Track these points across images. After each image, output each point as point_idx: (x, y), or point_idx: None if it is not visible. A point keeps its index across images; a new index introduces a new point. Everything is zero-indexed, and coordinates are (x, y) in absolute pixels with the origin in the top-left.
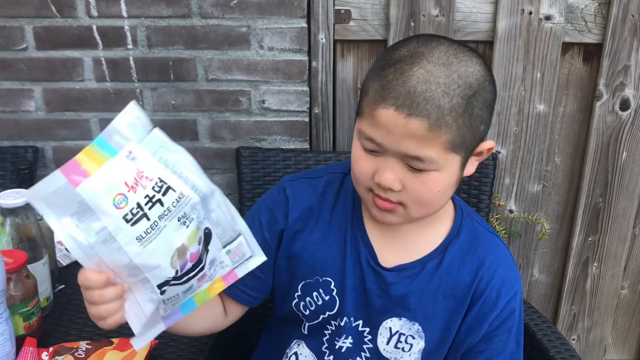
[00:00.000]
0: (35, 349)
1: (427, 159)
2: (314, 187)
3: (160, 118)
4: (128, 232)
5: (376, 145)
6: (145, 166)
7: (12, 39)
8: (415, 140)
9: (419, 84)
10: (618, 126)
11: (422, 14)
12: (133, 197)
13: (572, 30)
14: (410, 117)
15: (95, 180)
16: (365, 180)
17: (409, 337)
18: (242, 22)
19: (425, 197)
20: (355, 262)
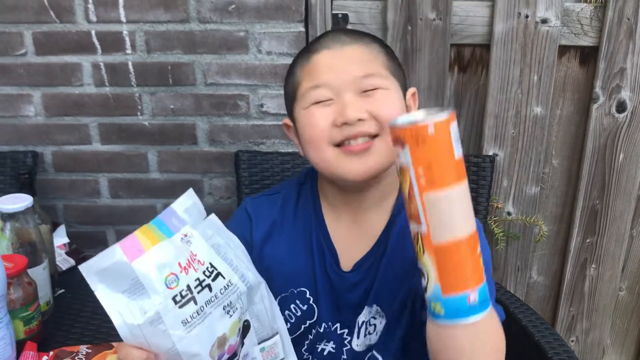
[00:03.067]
0: (35, 353)
1: (375, 72)
2: (273, 202)
3: (159, 122)
4: (175, 314)
5: (326, 90)
6: (199, 250)
7: (12, 44)
8: (358, 62)
9: (336, 33)
10: (615, 128)
11: (419, 18)
12: (184, 278)
13: (569, 34)
14: (344, 46)
15: (150, 257)
16: (328, 134)
17: (371, 319)
18: (240, 27)
19: (390, 113)
20: (322, 268)
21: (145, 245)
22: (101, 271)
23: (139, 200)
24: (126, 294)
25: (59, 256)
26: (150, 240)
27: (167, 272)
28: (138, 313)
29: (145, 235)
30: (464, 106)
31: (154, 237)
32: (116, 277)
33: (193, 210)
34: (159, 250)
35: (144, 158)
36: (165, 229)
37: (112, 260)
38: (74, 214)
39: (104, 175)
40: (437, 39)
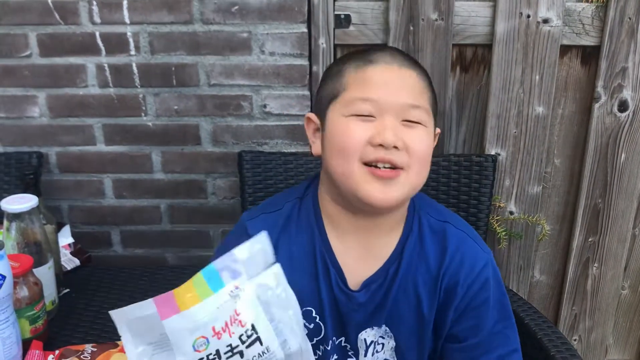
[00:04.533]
0: (41, 352)
1: (422, 107)
2: (274, 221)
3: (163, 123)
4: None
5: (372, 105)
6: (245, 308)
7: (16, 46)
8: (411, 89)
9: (394, 52)
10: (617, 127)
11: (421, 18)
12: (215, 343)
13: (570, 33)
14: (402, 67)
15: (184, 318)
16: (361, 150)
17: (380, 339)
18: (244, 28)
19: (423, 152)
20: (328, 287)
21: (181, 304)
22: (132, 320)
23: (143, 201)
24: (152, 347)
25: (64, 256)
26: (190, 298)
27: (198, 335)
28: None
29: (187, 292)
30: (466, 106)
31: (196, 294)
32: (146, 328)
33: (258, 256)
34: (195, 311)
35: (148, 159)
36: (216, 280)
37: (145, 313)
38: (78, 214)
39: (108, 175)
40: (439, 39)
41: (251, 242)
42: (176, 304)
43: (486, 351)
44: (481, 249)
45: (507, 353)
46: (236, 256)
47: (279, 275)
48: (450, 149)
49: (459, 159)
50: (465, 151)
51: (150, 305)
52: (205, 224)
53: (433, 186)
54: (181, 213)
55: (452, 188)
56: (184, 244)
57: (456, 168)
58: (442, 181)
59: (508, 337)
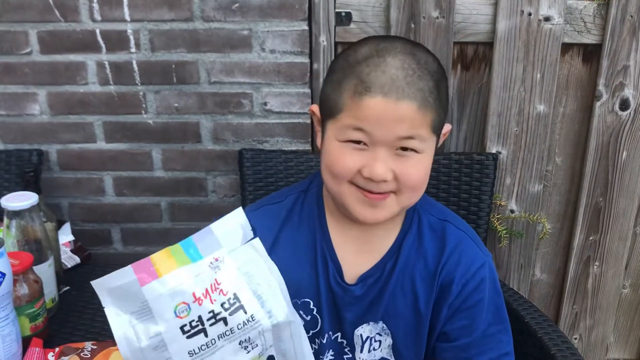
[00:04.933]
0: (41, 350)
1: (418, 137)
2: (276, 213)
3: (164, 121)
4: (182, 344)
5: (365, 136)
6: (225, 278)
7: (17, 43)
8: (407, 122)
9: (398, 71)
10: (618, 126)
11: (423, 16)
12: (197, 309)
13: (572, 31)
14: (399, 100)
15: (162, 284)
16: (351, 176)
17: (377, 336)
18: (244, 25)
19: (417, 181)
20: (326, 280)
21: (160, 270)
22: (112, 289)
23: (144, 198)
24: (134, 316)
25: (64, 254)
26: (168, 265)
27: (179, 301)
28: (143, 336)
29: (164, 259)
30: (467, 104)
31: (174, 262)
32: (126, 297)
33: (236, 232)
34: (174, 277)
35: (148, 156)
36: (194, 252)
37: (124, 280)
38: (79, 212)
39: (108, 173)
40: (440, 37)
41: (227, 217)
42: (154, 269)
43: (477, 353)
44: (480, 250)
45: (498, 356)
46: (213, 230)
47: (258, 249)
48: (451, 147)
49: (460, 158)
50: (466, 149)
51: (129, 272)
52: (206, 222)
53: (434, 184)
54: (181, 211)
55: (453, 186)
56: None
57: (457, 166)
58: (443, 179)
59: (501, 341)
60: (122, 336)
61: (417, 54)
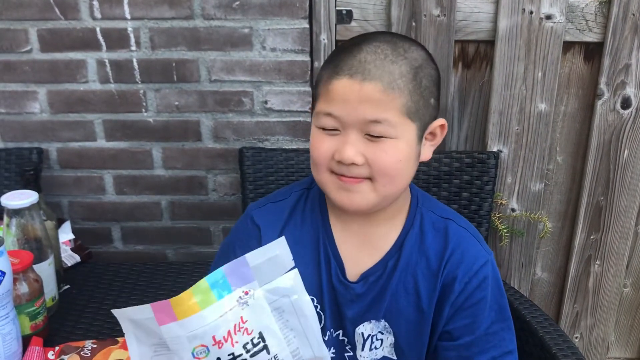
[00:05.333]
0: (41, 348)
1: (384, 121)
2: (280, 210)
3: (164, 119)
4: None
5: (335, 120)
6: (252, 316)
7: (17, 41)
8: (372, 103)
9: (369, 55)
10: (619, 125)
11: (424, 14)
12: (216, 351)
13: (573, 29)
14: (364, 81)
15: (181, 326)
16: (326, 162)
17: (378, 334)
18: (245, 24)
19: (389, 166)
20: (328, 277)
21: (179, 312)
22: (133, 321)
23: (144, 197)
24: (153, 348)
25: (65, 252)
26: (189, 308)
27: (197, 344)
28: None
29: (185, 302)
30: (468, 103)
31: (196, 304)
32: (147, 331)
33: (274, 262)
34: (195, 319)
35: (148, 155)
36: (223, 284)
37: (142, 316)
38: (79, 211)
39: (108, 171)
40: (441, 35)
41: (266, 247)
42: (173, 312)
43: (480, 351)
44: (482, 248)
45: (500, 355)
46: (248, 261)
47: (295, 281)
48: (452, 145)
49: (461, 156)
50: (467, 148)
51: (147, 310)
52: (206, 221)
53: (434, 183)
54: (182, 209)
55: (454, 185)
56: (184, 241)
57: (458, 165)
58: (444, 178)
59: (504, 339)
60: None
61: (396, 42)
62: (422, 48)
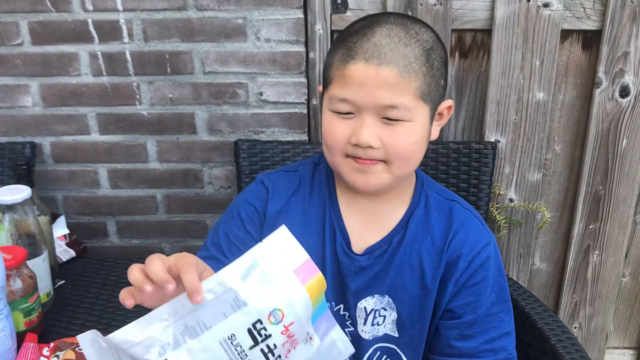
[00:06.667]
0: (36, 345)
1: (401, 105)
2: (290, 179)
3: (158, 112)
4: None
5: (350, 105)
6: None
7: (7, 34)
8: (389, 88)
9: (383, 38)
10: (618, 113)
11: (420, 3)
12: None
13: (571, 17)
14: (380, 66)
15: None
16: (342, 146)
17: (381, 310)
18: (239, 14)
19: (404, 149)
20: (333, 249)
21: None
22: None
23: (139, 191)
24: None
25: (59, 247)
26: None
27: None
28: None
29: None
30: (465, 92)
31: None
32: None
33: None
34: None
35: (143, 148)
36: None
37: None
38: (73, 205)
39: (103, 165)
40: (438, 24)
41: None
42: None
43: (480, 331)
44: (485, 229)
45: (500, 336)
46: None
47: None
48: (450, 136)
49: (459, 146)
50: (465, 138)
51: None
52: (202, 214)
53: (432, 174)
54: (177, 203)
55: (452, 175)
56: (180, 234)
57: (455, 155)
58: (442, 169)
59: (502, 321)
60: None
61: (407, 25)
62: (431, 29)
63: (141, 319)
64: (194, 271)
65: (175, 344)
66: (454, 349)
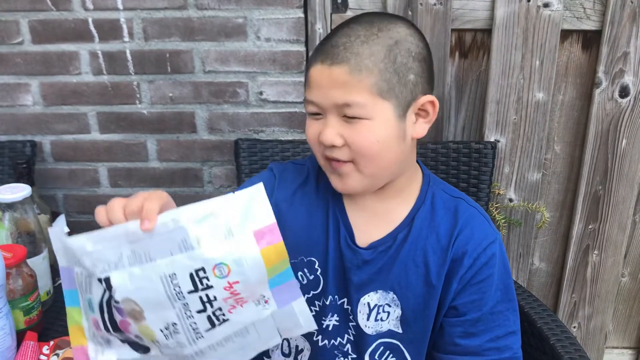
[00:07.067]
0: (36, 343)
1: (355, 103)
2: (299, 171)
3: (158, 111)
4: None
5: (315, 106)
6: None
7: (8, 33)
8: (340, 86)
9: (340, 38)
10: (617, 113)
11: (420, 3)
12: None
13: (571, 18)
14: (332, 65)
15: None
16: (317, 147)
17: (385, 306)
18: (239, 13)
19: (365, 147)
20: (336, 243)
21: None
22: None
23: (139, 189)
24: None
25: None
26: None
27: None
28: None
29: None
30: (465, 92)
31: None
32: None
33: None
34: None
35: (143, 147)
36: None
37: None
38: (73, 204)
39: (103, 164)
40: (438, 24)
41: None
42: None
43: (485, 329)
44: (491, 227)
45: (505, 334)
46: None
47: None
48: (449, 135)
49: (458, 146)
50: (465, 138)
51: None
52: None
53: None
54: (177, 202)
55: (451, 175)
56: None
57: (455, 155)
58: (441, 168)
59: (508, 319)
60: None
61: (374, 22)
62: (407, 25)
63: (97, 233)
64: (156, 202)
65: (121, 265)
66: (458, 346)
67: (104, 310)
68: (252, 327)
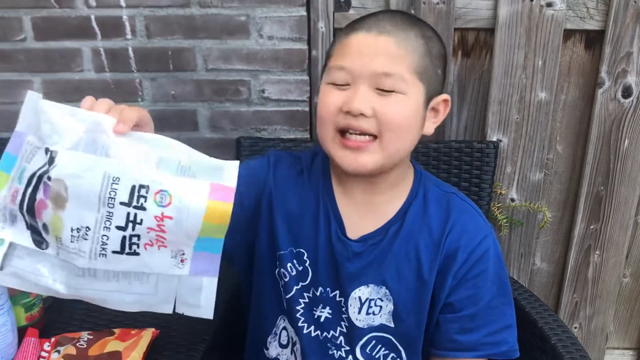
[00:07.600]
0: (37, 340)
1: (396, 74)
2: (294, 163)
3: (160, 108)
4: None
5: (347, 73)
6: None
7: (11, 29)
8: (385, 56)
9: (386, 16)
10: (620, 113)
11: (423, 2)
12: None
13: (574, 17)
14: (379, 35)
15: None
16: (333, 117)
17: (378, 301)
18: (241, 11)
19: (398, 119)
20: (327, 235)
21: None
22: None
23: None
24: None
25: None
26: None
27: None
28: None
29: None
30: (467, 91)
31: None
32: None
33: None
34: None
35: None
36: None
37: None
38: None
39: None
40: (441, 23)
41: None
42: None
43: (482, 324)
44: (483, 221)
45: (501, 328)
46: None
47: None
48: (452, 135)
49: (460, 145)
50: (467, 137)
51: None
52: None
53: (433, 173)
54: None
55: (453, 175)
56: None
57: (457, 154)
58: (443, 168)
59: (504, 314)
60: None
61: (411, 17)
62: (432, 29)
63: (76, 109)
64: (135, 112)
65: (74, 146)
66: (455, 342)
67: (31, 183)
68: (154, 278)
